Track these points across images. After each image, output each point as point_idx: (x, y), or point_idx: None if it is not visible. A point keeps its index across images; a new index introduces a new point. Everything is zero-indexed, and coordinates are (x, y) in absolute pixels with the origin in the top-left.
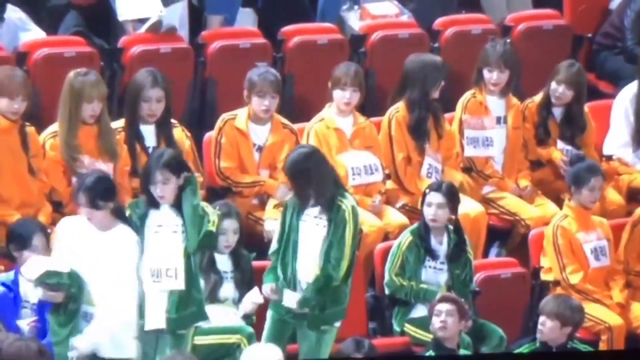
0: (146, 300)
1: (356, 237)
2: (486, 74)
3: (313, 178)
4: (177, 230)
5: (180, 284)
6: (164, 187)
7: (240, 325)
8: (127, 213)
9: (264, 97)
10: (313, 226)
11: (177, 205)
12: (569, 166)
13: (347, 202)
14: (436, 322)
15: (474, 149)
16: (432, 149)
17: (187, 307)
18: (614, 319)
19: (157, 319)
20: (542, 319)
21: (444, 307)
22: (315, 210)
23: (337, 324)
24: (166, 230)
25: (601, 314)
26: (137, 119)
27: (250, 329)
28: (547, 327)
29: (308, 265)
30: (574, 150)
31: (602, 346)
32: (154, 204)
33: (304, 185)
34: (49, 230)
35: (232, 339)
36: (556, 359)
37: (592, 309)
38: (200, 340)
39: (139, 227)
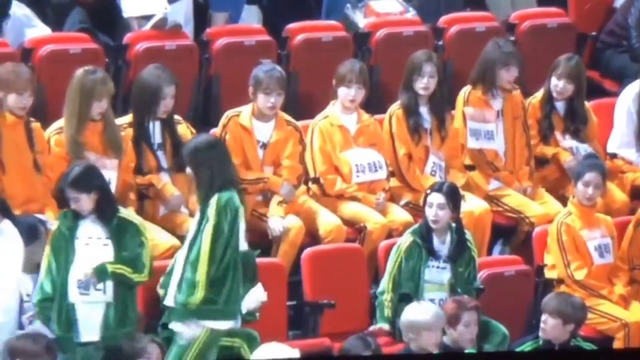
0: (77, 312)
1: (221, 232)
2: (504, 73)
3: (210, 168)
4: (107, 243)
5: (108, 298)
6: (77, 204)
7: (242, 329)
8: (57, 224)
9: (270, 94)
10: (195, 220)
11: (103, 217)
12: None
13: (220, 197)
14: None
15: (476, 141)
16: (435, 147)
17: (122, 326)
18: (629, 316)
19: (89, 332)
20: (544, 316)
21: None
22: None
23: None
24: (97, 243)
25: (615, 311)
26: (147, 116)
27: (252, 332)
28: (549, 325)
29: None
30: (582, 148)
31: (618, 344)
32: (79, 215)
33: (201, 175)
34: (49, 226)
35: (234, 342)
36: (557, 358)
37: (605, 307)
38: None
39: (68, 239)
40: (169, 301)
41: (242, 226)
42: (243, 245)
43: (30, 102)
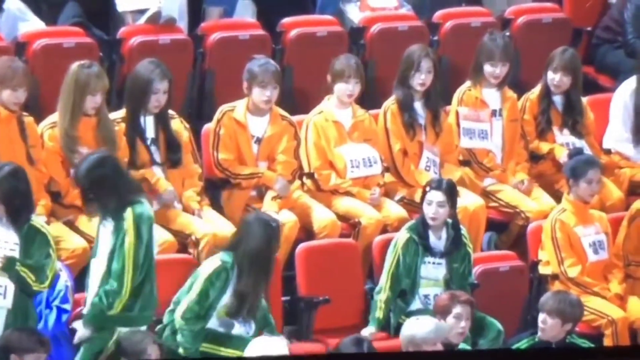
0: None
1: (141, 244)
2: (488, 67)
3: (111, 184)
4: (15, 248)
5: (7, 303)
6: None
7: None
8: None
9: (266, 87)
10: (107, 236)
11: (15, 222)
12: (569, 159)
13: (134, 209)
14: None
15: (470, 140)
16: (430, 143)
17: None
18: (616, 312)
19: None
20: (542, 317)
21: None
22: (109, 217)
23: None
24: (4, 246)
25: (603, 307)
26: (139, 110)
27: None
28: (548, 325)
29: (98, 273)
30: (578, 145)
31: (607, 341)
32: None
33: (103, 193)
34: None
35: (227, 352)
36: (555, 356)
37: (594, 303)
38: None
39: None
40: (85, 309)
41: (154, 231)
42: (156, 250)
43: (24, 97)
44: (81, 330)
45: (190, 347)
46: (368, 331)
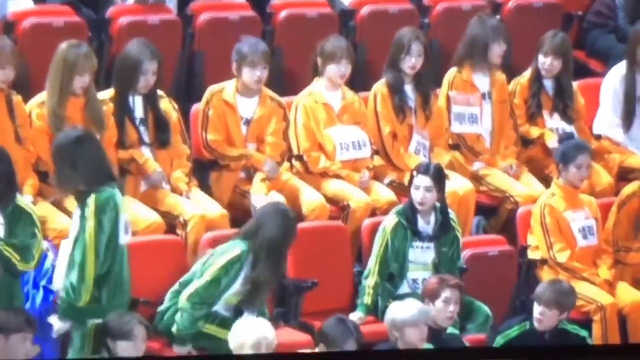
0: None
1: (101, 232)
2: (496, 47)
3: (82, 166)
4: None
5: None
6: None
7: None
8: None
9: (255, 67)
10: (76, 221)
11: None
12: (558, 144)
13: (98, 197)
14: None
15: (460, 125)
16: (419, 126)
17: None
18: (605, 298)
19: None
20: (539, 308)
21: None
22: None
23: None
24: None
25: (592, 293)
26: (128, 90)
27: None
28: (546, 317)
29: (64, 260)
30: (566, 129)
31: (596, 327)
32: None
33: (72, 175)
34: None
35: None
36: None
37: (583, 288)
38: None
39: None
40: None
41: (122, 219)
42: (123, 239)
43: (12, 76)
44: (57, 324)
45: (185, 330)
46: (356, 316)
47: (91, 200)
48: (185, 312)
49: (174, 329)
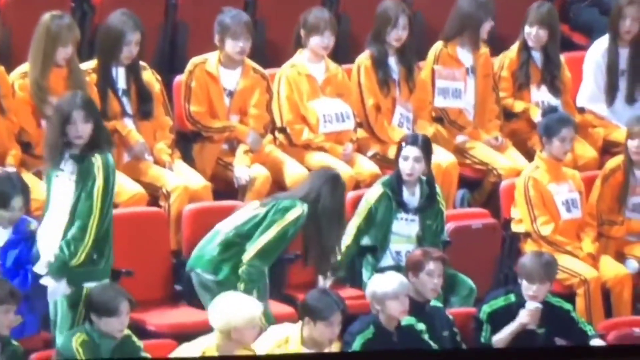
0: None
1: (108, 192)
2: (487, 25)
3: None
4: None
5: None
6: None
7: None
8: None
9: (238, 38)
10: (65, 186)
11: None
12: (542, 117)
13: (103, 156)
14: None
15: (444, 100)
16: (403, 98)
17: None
18: (589, 272)
19: None
20: (534, 286)
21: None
22: (69, 164)
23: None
24: None
25: (576, 267)
26: (110, 61)
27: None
28: (542, 292)
29: (58, 224)
30: (552, 103)
31: (579, 300)
32: None
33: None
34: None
35: None
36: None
37: (566, 261)
38: None
39: None
40: (49, 256)
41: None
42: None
43: None
44: (52, 284)
45: (256, 283)
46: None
47: (97, 159)
48: (252, 267)
49: (241, 286)
